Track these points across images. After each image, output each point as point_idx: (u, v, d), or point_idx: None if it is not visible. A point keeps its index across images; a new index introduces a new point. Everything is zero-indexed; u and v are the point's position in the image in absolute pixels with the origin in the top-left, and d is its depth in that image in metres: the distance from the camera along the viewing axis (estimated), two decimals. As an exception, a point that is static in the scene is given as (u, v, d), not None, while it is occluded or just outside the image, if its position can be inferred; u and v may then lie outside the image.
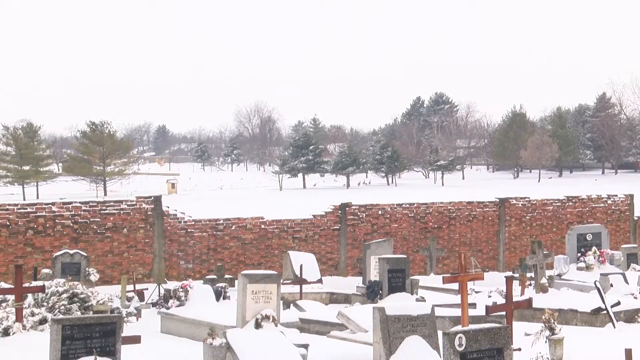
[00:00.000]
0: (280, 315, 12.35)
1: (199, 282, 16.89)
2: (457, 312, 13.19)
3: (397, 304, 11.42)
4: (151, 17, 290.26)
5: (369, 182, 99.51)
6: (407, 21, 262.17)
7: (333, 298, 18.18)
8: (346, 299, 17.82)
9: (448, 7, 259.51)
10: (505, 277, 12.27)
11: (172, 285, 15.89)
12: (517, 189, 60.99)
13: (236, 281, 13.97)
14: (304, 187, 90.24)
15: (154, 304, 16.12)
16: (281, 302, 13.29)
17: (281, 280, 13.89)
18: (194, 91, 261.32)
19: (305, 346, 10.48)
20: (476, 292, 17.27)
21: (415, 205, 24.90)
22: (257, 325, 11.52)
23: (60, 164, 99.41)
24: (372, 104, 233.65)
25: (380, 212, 24.11)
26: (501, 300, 13.41)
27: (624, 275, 18.49)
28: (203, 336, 11.12)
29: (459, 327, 9.92)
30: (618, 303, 14.75)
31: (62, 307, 13.23)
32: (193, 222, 21.89)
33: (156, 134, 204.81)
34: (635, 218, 27.42)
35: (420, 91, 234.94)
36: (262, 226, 22.52)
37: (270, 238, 22.51)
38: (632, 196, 27.66)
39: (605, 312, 14.24)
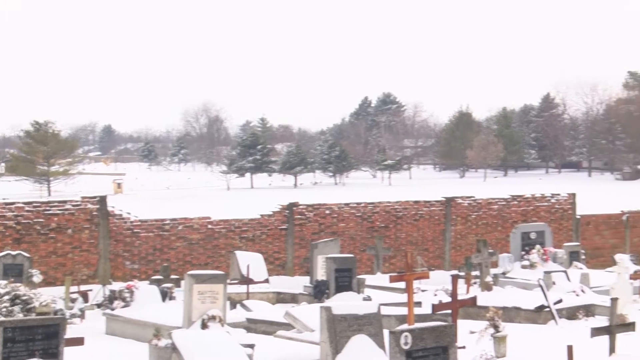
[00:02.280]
0: (227, 316, 12.30)
1: (144, 282, 16.75)
2: (403, 310, 13.26)
3: (344, 303, 11.45)
4: (95, 15, 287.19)
5: (321, 182, 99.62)
6: (354, 21, 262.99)
7: (280, 298, 18.16)
8: (293, 298, 17.81)
9: (395, 7, 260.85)
10: (451, 275, 12.37)
11: (117, 286, 15.71)
12: (463, 188, 61.55)
13: (182, 282, 13.88)
14: (252, 186, 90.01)
15: (98, 305, 15.95)
16: (228, 302, 13.25)
17: (228, 281, 13.84)
18: (141, 91, 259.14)
19: (252, 346, 10.46)
20: (422, 291, 17.38)
21: (362, 204, 24.98)
22: (204, 326, 11.47)
23: (3, 164, 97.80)
24: (320, 104, 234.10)
25: (327, 212, 24.14)
26: (447, 299, 13.52)
27: (566, 273, 18.79)
28: (148, 337, 11.05)
29: (405, 326, 9.97)
30: (560, 300, 14.97)
31: (4, 309, 13.01)
32: (139, 222, 21.70)
33: (102, 133, 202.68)
34: (578, 217, 27.82)
35: (368, 91, 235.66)
36: (209, 226, 22.40)
37: (217, 238, 22.40)
38: (574, 195, 28.06)
39: (548, 309, 14.45)
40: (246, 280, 17.53)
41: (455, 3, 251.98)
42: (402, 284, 13.11)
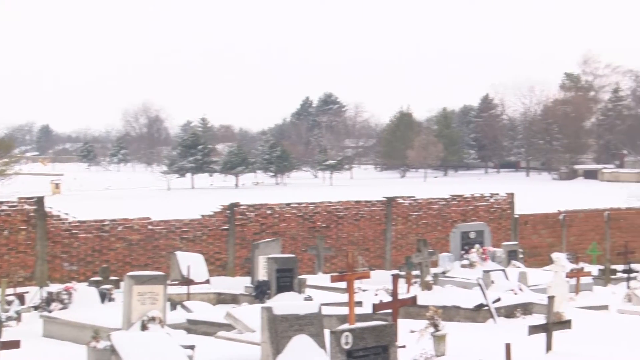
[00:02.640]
0: (167, 317, 12.22)
1: (83, 284, 16.53)
2: (344, 310, 13.31)
3: (285, 303, 11.45)
4: (31, 13, 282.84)
5: (263, 182, 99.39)
6: (295, 21, 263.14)
7: (221, 298, 18.08)
8: (234, 299, 17.75)
9: (336, 6, 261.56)
10: (391, 275, 12.43)
11: (55, 288, 15.50)
12: (404, 188, 61.92)
13: (122, 283, 13.75)
14: (193, 187, 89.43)
15: (35, 308, 15.70)
16: (168, 303, 13.16)
17: (168, 281, 13.75)
18: (80, 90, 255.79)
19: (192, 347, 10.41)
20: (363, 291, 17.44)
21: (303, 204, 24.99)
22: (143, 327, 11.38)
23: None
24: (261, 104, 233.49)
25: (269, 212, 24.10)
26: (387, 298, 13.59)
27: (504, 272, 19.02)
28: (87, 339, 10.92)
29: (345, 326, 10.01)
30: (499, 299, 15.16)
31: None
32: (78, 223, 21.42)
33: (39, 133, 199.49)
34: (516, 216, 28.19)
35: (309, 91, 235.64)
36: (149, 227, 22.20)
37: (158, 239, 22.21)
38: (513, 195, 28.42)
39: (486, 308, 14.61)
40: (187, 281, 17.42)
41: (396, 3, 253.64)
42: (343, 284, 13.14)
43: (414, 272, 17.89)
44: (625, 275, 21.49)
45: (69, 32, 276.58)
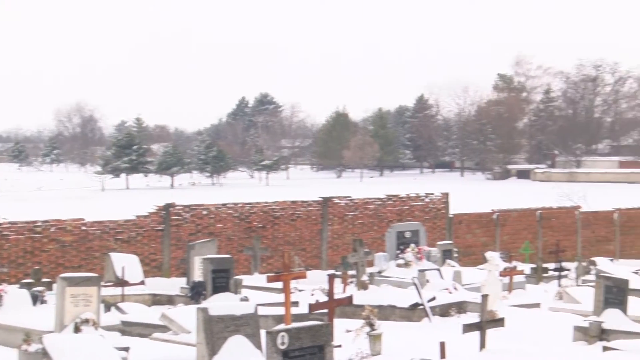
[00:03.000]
0: (101, 319, 12.06)
1: (14, 286, 16.23)
2: (280, 310, 13.29)
3: (221, 304, 11.38)
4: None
5: (200, 183, 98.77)
6: (231, 20, 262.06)
7: (156, 299, 17.91)
8: (169, 300, 17.60)
9: (271, 6, 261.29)
10: (327, 275, 12.46)
11: (-15, 290, 15.18)
12: (340, 188, 62.17)
13: (54, 285, 13.53)
14: (127, 187, 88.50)
15: (-35, 311, 15.35)
16: (102, 305, 12.99)
17: (102, 283, 13.57)
18: (10, 89, 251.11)
19: (127, 349, 10.30)
20: (299, 291, 17.45)
21: (240, 205, 24.90)
22: (76, 330, 11.21)
23: None
24: (197, 104, 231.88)
25: (204, 212, 23.96)
26: (324, 298, 13.62)
27: (439, 271, 19.19)
28: (18, 343, 10.71)
29: (281, 326, 10.00)
30: (434, 298, 15.29)
31: None
32: (9, 224, 21.02)
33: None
34: (451, 216, 28.49)
35: (245, 91, 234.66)
36: (83, 228, 21.89)
37: (92, 240, 21.90)
38: (447, 195, 28.71)
39: (422, 307, 14.73)
40: (121, 283, 17.21)
41: (331, 4, 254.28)
42: (279, 284, 13.13)
43: (350, 272, 17.94)
44: (556, 273, 21.86)
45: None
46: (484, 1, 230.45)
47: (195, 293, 15.73)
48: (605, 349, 11.32)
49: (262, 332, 9.01)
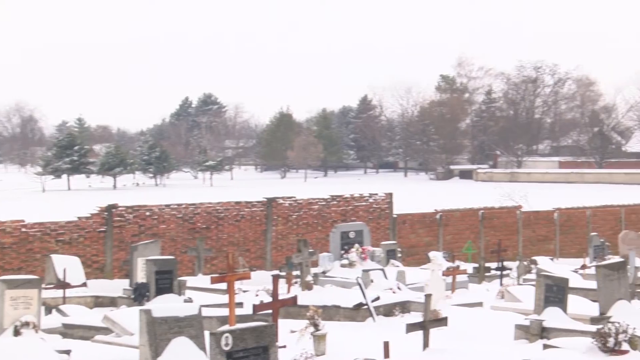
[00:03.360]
0: (42, 321, 11.91)
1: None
2: (224, 311, 13.24)
3: (164, 305, 11.30)
4: None
5: (144, 183, 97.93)
6: (174, 19, 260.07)
7: (98, 301, 17.71)
8: (112, 302, 17.42)
9: (215, 7, 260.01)
10: (272, 275, 12.45)
11: None
12: (284, 188, 62.17)
13: (-6, 287, 13.30)
14: (69, 188, 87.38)
15: None
16: (43, 307, 12.82)
17: (43, 285, 13.39)
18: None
19: (68, 352, 10.17)
20: (244, 292, 17.41)
21: (183, 205, 24.77)
22: (16, 333, 11.05)
23: None
24: (139, 104, 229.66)
25: (148, 214, 23.77)
26: (268, 299, 13.60)
27: (383, 271, 19.28)
28: (-44, 347, 10.51)
29: (225, 327, 9.96)
30: (378, 298, 15.36)
31: None
32: (-54, 226, 20.62)
33: None
34: (395, 216, 28.65)
35: (188, 92, 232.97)
36: (23, 229, 21.55)
37: (32, 241, 21.58)
38: (391, 195, 28.87)
39: (366, 307, 14.79)
40: (62, 285, 17.00)
41: (273, 4, 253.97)
42: (223, 285, 13.08)
43: (295, 272, 17.95)
44: (498, 272, 22.11)
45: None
46: (427, 2, 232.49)
47: (139, 295, 15.59)
48: (545, 346, 11.48)
49: (206, 334, 8.96)
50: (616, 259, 18.28)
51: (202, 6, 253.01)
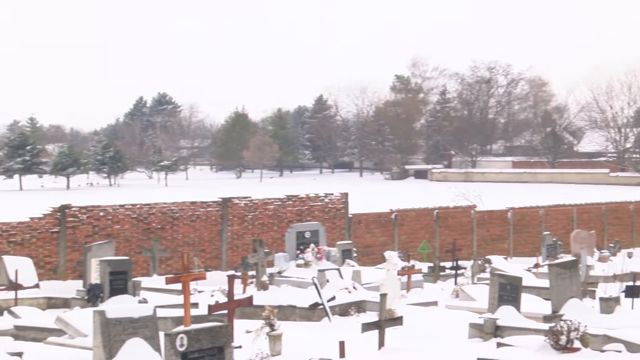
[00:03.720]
0: (-7, 324, 11.74)
1: None
2: (179, 312, 13.18)
3: (119, 306, 11.23)
4: None
5: (98, 183, 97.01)
6: (127, 17, 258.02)
7: (51, 303, 17.52)
8: (65, 303, 17.25)
9: (168, 6, 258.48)
10: (227, 275, 12.43)
11: None
12: (239, 188, 61.99)
13: (-56, 289, 13.11)
14: (21, 188, 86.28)
15: None
16: (-6, 309, 12.66)
17: (-6, 287, 13.21)
18: None
19: (20, 354, 10.06)
20: (199, 292, 17.34)
21: (138, 206, 24.59)
22: (-33, 336, 10.89)
23: None
24: (93, 104, 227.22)
25: (102, 214, 23.56)
26: (223, 299, 13.57)
27: (339, 270, 19.33)
28: None
29: (181, 328, 9.92)
30: (333, 298, 15.39)
31: None
32: None
33: None
34: (350, 216, 28.72)
35: (142, 91, 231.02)
36: (-26, 230, 21.26)
37: (-17, 243, 21.30)
38: (347, 194, 28.94)
39: (322, 306, 14.81)
40: (14, 286, 16.79)
41: (228, 4, 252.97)
42: (178, 286, 13.02)
43: (250, 273, 17.93)
44: (453, 272, 22.27)
45: None
46: (382, 2, 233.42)
47: (92, 296, 15.47)
48: (499, 345, 11.58)
49: (161, 334, 8.92)
50: (568, 257, 18.53)
51: (156, 5, 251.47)
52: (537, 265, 23.80)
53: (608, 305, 14.01)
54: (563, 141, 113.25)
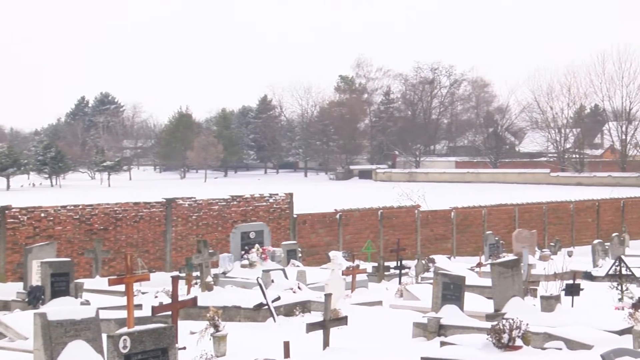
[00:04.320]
0: None
1: None
2: (123, 314, 13.07)
3: (60, 308, 11.07)
4: None
5: (41, 184, 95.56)
6: (68, 16, 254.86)
7: (-9, 306, 17.26)
8: (5, 305, 16.99)
9: (111, 5, 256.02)
10: (171, 276, 12.36)
11: None
12: (184, 189, 61.63)
13: None
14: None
15: None
16: None
17: None
18: None
19: (-41, 359, 9.86)
20: (143, 293, 17.21)
21: (80, 206, 24.32)
22: None
23: None
24: (33, 103, 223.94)
25: (43, 215, 23.25)
26: (167, 300, 13.48)
27: (284, 271, 19.33)
28: None
29: (124, 329, 9.82)
30: (278, 298, 15.39)
31: None
32: None
33: None
34: (295, 216, 28.74)
35: (84, 91, 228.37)
36: None
37: None
38: (292, 195, 28.95)
39: (266, 307, 14.80)
40: (-47, 289, 16.50)
41: (172, 2, 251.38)
42: (122, 287, 12.91)
43: (195, 273, 17.83)
44: (397, 271, 22.42)
45: None
46: (326, 2, 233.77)
47: (33, 298, 15.27)
48: (442, 344, 11.68)
49: (104, 336, 8.83)
50: (510, 257, 18.75)
51: (98, 3, 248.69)
52: (480, 265, 24.05)
53: (549, 303, 14.21)
54: (505, 141, 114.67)
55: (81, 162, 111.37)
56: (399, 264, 22.64)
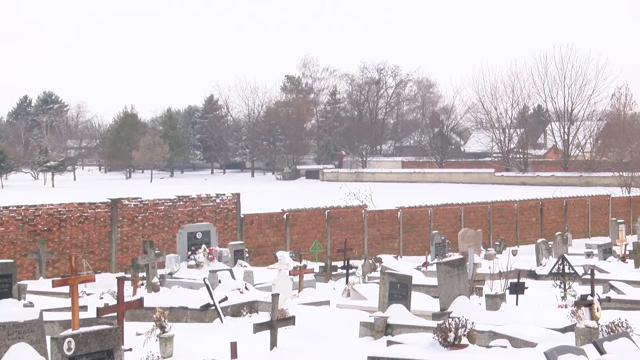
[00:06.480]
0: None
1: None
2: (67, 315, 12.90)
3: (3, 310, 10.93)
4: None
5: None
6: (7, 15, 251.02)
7: None
8: (-54, 309, 16.68)
9: (51, 2, 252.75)
10: (117, 278, 12.25)
11: None
12: (129, 189, 61.14)
13: None
14: None
15: None
16: None
17: None
18: None
19: None
20: (88, 295, 17.04)
21: (23, 207, 23.97)
22: None
23: None
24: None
25: (-16, 216, 22.88)
26: (113, 302, 13.35)
27: (231, 271, 19.27)
28: None
29: (68, 331, 9.71)
30: (226, 298, 15.34)
31: None
32: None
33: None
34: (242, 216, 28.67)
35: (27, 90, 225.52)
36: None
37: None
38: (238, 195, 28.88)
39: (213, 307, 14.74)
40: None
41: (113, 2, 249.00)
42: (66, 289, 12.75)
43: (141, 274, 17.70)
44: (344, 271, 22.49)
45: None
46: (272, 1, 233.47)
47: (-25, 300, 15.00)
48: (389, 343, 11.75)
49: (48, 339, 8.72)
50: (456, 256, 18.92)
51: (39, 1, 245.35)
52: (426, 264, 24.23)
53: (494, 302, 14.37)
54: (450, 141, 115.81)
55: (24, 162, 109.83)
56: (346, 264, 22.71)
